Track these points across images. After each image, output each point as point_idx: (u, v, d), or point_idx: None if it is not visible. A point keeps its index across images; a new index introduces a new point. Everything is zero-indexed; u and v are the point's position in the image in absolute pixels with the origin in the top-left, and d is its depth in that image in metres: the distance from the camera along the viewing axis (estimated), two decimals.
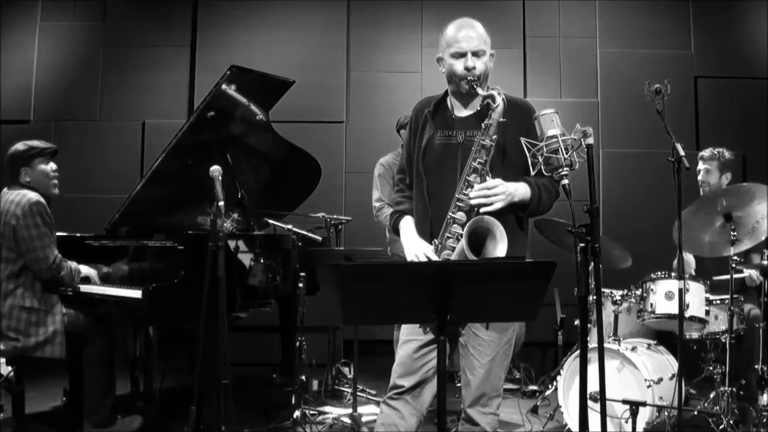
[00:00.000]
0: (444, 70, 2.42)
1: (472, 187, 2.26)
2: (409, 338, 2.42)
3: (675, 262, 3.82)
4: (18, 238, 3.19)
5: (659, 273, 3.61)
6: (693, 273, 3.86)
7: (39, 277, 3.23)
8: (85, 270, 3.44)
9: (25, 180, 3.33)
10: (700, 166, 3.95)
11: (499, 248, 2.18)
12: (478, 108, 2.39)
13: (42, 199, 3.28)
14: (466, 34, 2.39)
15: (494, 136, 2.26)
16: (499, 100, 2.26)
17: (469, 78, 2.32)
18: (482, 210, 2.23)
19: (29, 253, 3.19)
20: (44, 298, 3.25)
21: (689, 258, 3.88)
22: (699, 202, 3.44)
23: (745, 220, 3.39)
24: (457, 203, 2.28)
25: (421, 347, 2.38)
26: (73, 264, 3.37)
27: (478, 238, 2.24)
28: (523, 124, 2.32)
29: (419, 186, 2.42)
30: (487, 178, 2.26)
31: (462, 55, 2.36)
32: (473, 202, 2.23)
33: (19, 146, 3.35)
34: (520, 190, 2.29)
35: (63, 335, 3.24)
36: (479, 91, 2.30)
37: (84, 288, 3.45)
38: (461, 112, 2.42)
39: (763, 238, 3.42)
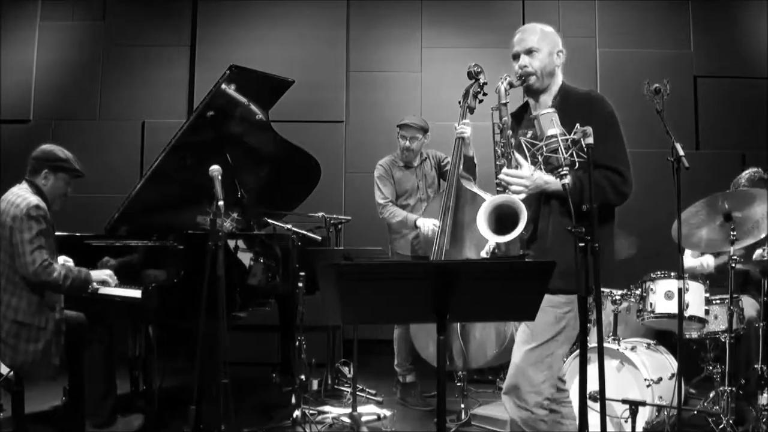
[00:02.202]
0: None
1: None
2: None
3: (691, 262, 3.84)
4: (12, 241, 3.08)
5: (659, 272, 3.62)
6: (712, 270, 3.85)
7: (27, 281, 3.06)
8: (97, 275, 3.29)
9: (41, 182, 3.23)
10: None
11: (522, 218, 2.26)
12: (549, 105, 2.48)
13: (42, 203, 3.16)
14: (519, 37, 2.55)
15: (504, 118, 2.43)
16: (498, 84, 2.49)
17: (519, 74, 2.49)
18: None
19: (18, 257, 3.06)
20: (38, 313, 3.11)
21: (709, 260, 3.86)
22: (701, 204, 3.44)
23: (744, 220, 3.40)
24: (497, 188, 2.39)
25: None
26: (81, 271, 3.23)
27: (509, 216, 2.29)
28: (577, 115, 2.31)
29: None
30: (514, 159, 2.37)
31: (516, 56, 2.53)
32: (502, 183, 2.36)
33: (58, 151, 3.27)
34: (556, 181, 2.27)
35: (54, 355, 3.13)
36: (512, 83, 2.48)
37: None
38: (537, 111, 2.48)
39: (763, 236, 3.42)
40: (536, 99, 2.56)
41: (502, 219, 2.31)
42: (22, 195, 3.16)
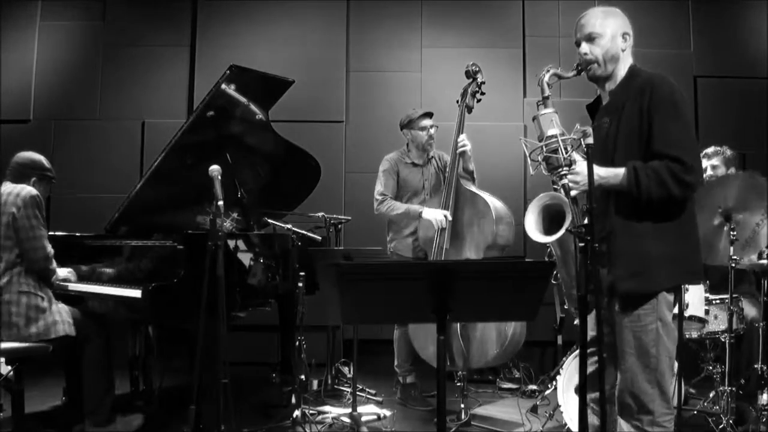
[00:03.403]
0: None
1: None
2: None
3: None
4: (17, 227, 3.26)
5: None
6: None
7: (32, 266, 3.29)
8: (63, 274, 3.48)
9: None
10: (705, 163, 3.97)
11: (567, 216, 2.20)
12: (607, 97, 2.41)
13: (40, 194, 3.37)
14: (579, 23, 2.41)
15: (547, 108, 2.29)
16: (540, 76, 2.34)
17: (579, 62, 2.36)
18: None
19: (28, 241, 3.27)
20: (40, 286, 3.32)
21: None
22: (699, 195, 3.41)
23: (744, 222, 3.38)
24: (552, 186, 2.31)
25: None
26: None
27: (559, 214, 2.25)
28: (638, 101, 2.24)
29: None
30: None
31: (578, 44, 2.39)
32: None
33: (45, 162, 3.52)
34: (612, 175, 2.18)
35: (67, 314, 3.32)
36: (565, 75, 2.36)
37: (84, 287, 3.45)
38: (605, 100, 2.44)
39: (764, 246, 3.41)
40: (602, 87, 2.41)
41: (553, 218, 2.26)
42: (20, 186, 3.37)
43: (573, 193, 2.19)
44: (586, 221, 2.03)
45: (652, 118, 2.21)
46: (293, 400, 3.70)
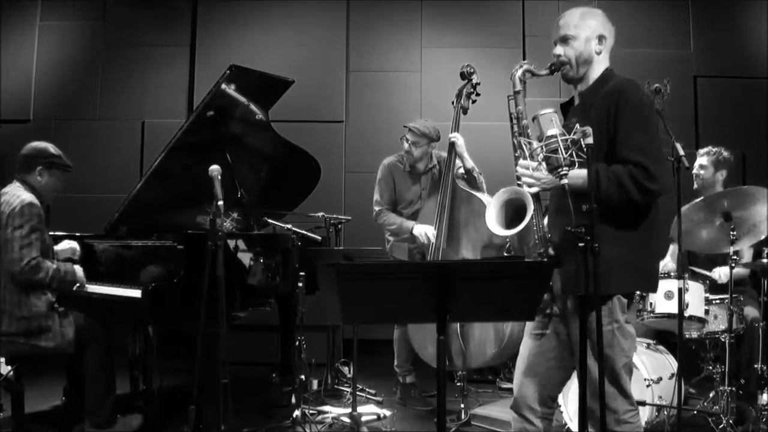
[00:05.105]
0: None
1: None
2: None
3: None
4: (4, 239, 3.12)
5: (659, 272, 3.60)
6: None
7: (13, 279, 3.10)
8: (80, 272, 3.37)
9: (36, 179, 3.28)
10: (697, 160, 3.99)
11: (528, 211, 2.22)
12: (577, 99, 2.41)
13: (36, 201, 3.22)
14: (557, 23, 2.41)
15: (518, 107, 2.32)
16: (513, 72, 2.40)
17: (552, 63, 2.37)
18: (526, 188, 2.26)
19: (6, 253, 3.09)
20: (35, 303, 3.15)
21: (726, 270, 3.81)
22: (701, 201, 3.44)
23: (744, 220, 3.39)
24: (517, 182, 2.30)
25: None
26: (66, 266, 3.30)
27: (521, 209, 2.28)
28: (606, 106, 2.24)
29: None
30: (528, 149, 2.24)
31: (555, 44, 2.40)
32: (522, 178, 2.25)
33: (50, 148, 3.33)
34: (574, 176, 2.14)
35: (67, 334, 3.21)
36: (538, 72, 2.39)
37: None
38: (577, 101, 2.43)
39: (763, 237, 3.42)
40: (575, 88, 2.43)
41: (516, 213, 2.28)
42: (16, 194, 3.20)
43: (533, 190, 2.24)
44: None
45: (618, 124, 2.21)
46: (293, 400, 3.70)
